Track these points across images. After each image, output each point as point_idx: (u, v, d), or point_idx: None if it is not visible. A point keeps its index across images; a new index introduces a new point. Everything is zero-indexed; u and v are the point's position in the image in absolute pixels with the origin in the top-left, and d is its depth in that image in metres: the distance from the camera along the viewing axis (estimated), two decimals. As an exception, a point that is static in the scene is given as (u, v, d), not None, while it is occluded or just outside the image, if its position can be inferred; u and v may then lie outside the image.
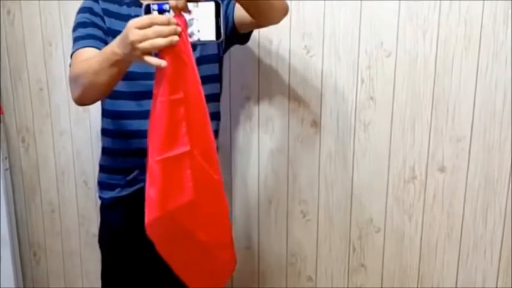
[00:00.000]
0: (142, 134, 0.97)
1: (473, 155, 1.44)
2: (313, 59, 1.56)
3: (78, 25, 1.19)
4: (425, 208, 1.52)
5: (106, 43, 1.17)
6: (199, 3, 0.91)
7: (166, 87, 0.90)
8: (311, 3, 1.53)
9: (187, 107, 0.93)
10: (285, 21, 1.44)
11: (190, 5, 0.90)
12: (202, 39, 0.92)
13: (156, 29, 0.87)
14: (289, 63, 1.59)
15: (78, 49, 1.14)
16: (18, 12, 1.99)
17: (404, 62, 1.46)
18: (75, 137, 2.01)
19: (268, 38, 1.59)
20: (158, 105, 0.92)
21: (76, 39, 1.16)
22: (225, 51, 1.37)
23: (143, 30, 0.87)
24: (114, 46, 0.95)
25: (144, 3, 0.91)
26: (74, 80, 1.07)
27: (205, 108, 0.97)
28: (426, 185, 1.50)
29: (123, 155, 1.29)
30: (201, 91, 0.96)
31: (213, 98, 1.33)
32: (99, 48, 1.14)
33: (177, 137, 0.94)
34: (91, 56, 1.05)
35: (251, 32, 1.35)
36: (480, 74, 1.39)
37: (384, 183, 1.55)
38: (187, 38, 0.91)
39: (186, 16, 0.90)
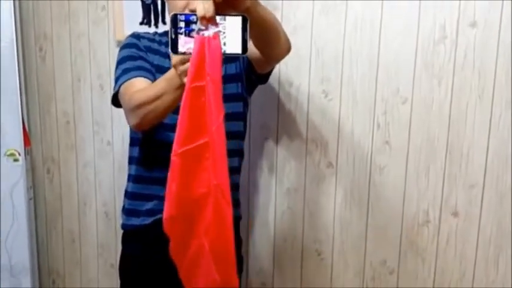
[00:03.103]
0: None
1: (486, 201, 1.47)
2: (331, 103, 1.61)
3: (125, 58, 1.23)
4: (439, 252, 1.54)
5: (154, 76, 1.23)
6: (227, 17, 0.91)
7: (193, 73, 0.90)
8: (330, 49, 1.58)
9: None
10: (305, 65, 1.58)
11: (217, 18, 0.90)
12: (228, 51, 0.92)
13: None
14: (308, 106, 1.64)
15: (129, 79, 1.17)
16: (50, 49, 2.09)
17: (419, 109, 1.50)
18: (98, 169, 2.07)
19: (288, 81, 1.64)
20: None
21: (125, 71, 1.20)
22: (248, 91, 1.40)
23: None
24: (172, 72, 1.00)
25: (172, 13, 0.93)
26: (135, 107, 1.10)
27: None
28: (439, 229, 1.52)
29: (149, 183, 1.31)
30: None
31: (236, 135, 1.35)
32: (149, 79, 1.19)
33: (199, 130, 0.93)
34: (151, 84, 1.10)
35: (269, 72, 1.39)
36: (493, 122, 1.43)
37: (398, 226, 1.57)
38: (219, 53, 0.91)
39: (213, 28, 0.90)
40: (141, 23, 1.89)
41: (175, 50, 0.92)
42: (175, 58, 0.93)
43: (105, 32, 1.96)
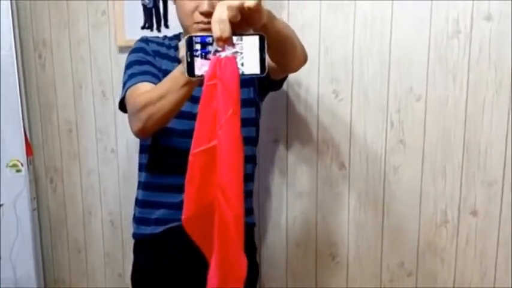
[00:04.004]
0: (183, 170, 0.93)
1: (505, 199, 1.43)
2: (342, 103, 1.57)
3: (133, 63, 1.22)
4: (458, 252, 1.50)
5: (160, 80, 1.18)
6: (244, 37, 0.88)
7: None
8: (339, 47, 1.54)
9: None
10: (314, 65, 1.53)
11: (234, 38, 0.87)
12: (246, 72, 0.89)
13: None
14: (318, 107, 1.60)
15: (135, 84, 1.16)
16: (50, 56, 2.04)
17: (434, 106, 1.46)
18: (102, 177, 2.02)
19: (297, 82, 1.60)
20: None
21: (132, 76, 1.19)
22: (261, 96, 1.37)
23: None
24: (178, 70, 0.98)
25: (187, 36, 0.89)
26: (138, 110, 1.08)
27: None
28: (458, 229, 1.48)
29: (158, 190, 1.29)
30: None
31: (249, 141, 1.32)
32: (155, 84, 1.16)
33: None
34: (155, 86, 1.08)
35: (284, 79, 1.35)
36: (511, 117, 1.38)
37: (415, 227, 1.53)
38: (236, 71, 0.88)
39: (230, 49, 0.87)
40: (143, 28, 1.84)
41: (192, 74, 0.89)
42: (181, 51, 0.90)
43: (106, 37, 1.91)
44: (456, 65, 1.42)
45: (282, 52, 1.08)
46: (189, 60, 0.89)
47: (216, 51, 0.86)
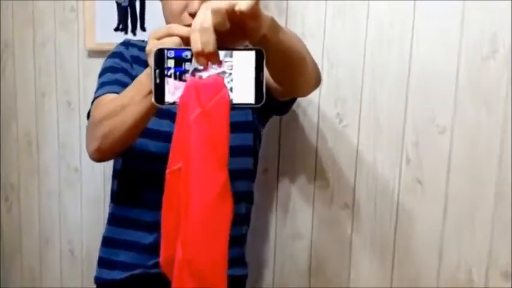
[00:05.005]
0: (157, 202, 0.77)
1: (546, 259, 1.17)
2: (347, 130, 1.34)
3: (106, 70, 1.11)
4: (484, 321, 1.23)
5: None
6: (235, 52, 0.67)
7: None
8: (347, 62, 1.32)
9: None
10: None
11: (221, 54, 0.66)
12: (236, 101, 0.68)
13: (176, 40, 0.71)
14: (318, 132, 1.38)
15: (101, 95, 1.02)
16: (11, 58, 1.90)
17: (462, 141, 1.21)
18: (63, 200, 1.87)
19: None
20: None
21: (102, 85, 1.06)
22: (261, 120, 1.21)
23: (161, 41, 0.71)
24: (146, 73, 0.82)
25: (156, 48, 0.69)
26: (95, 125, 0.93)
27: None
28: (486, 293, 1.22)
29: (126, 225, 1.15)
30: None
31: (244, 174, 1.16)
32: None
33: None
34: (116, 96, 0.94)
35: (292, 101, 1.15)
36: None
37: (431, 285, 1.28)
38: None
39: (215, 69, 0.67)
40: (116, 29, 1.67)
41: (160, 100, 0.69)
42: (150, 44, 0.72)
43: (74, 38, 1.76)
44: (491, 92, 1.17)
45: (288, 72, 0.87)
46: (157, 81, 0.69)
47: (196, 70, 0.68)
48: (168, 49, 0.69)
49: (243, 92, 0.68)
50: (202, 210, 0.68)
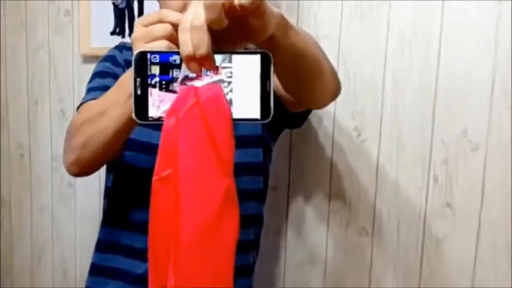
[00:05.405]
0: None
1: None
2: (366, 145, 1.21)
3: (96, 74, 1.05)
4: None
5: None
6: (234, 56, 0.55)
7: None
8: (366, 69, 1.19)
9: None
10: None
11: (217, 58, 0.54)
12: (237, 116, 0.56)
13: (168, 28, 0.61)
14: (333, 147, 1.26)
15: (87, 101, 0.95)
16: (3, 64, 1.82)
17: (497, 159, 1.08)
18: (56, 216, 1.78)
19: (305, 113, 1.25)
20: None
21: (88, 91, 1.00)
22: (272, 133, 1.09)
23: (150, 28, 0.62)
24: (131, 70, 0.72)
25: (137, 50, 0.58)
26: (73, 133, 0.84)
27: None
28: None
29: (114, 251, 1.05)
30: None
31: (253, 195, 1.05)
32: None
33: None
34: (97, 100, 0.87)
35: (306, 113, 1.04)
36: None
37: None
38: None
39: (210, 77, 0.55)
40: (113, 33, 1.58)
41: (142, 115, 0.58)
42: (137, 31, 0.63)
43: (69, 42, 1.67)
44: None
45: (302, 81, 0.75)
46: (138, 92, 0.57)
47: (186, 78, 0.57)
48: (152, 53, 0.56)
49: (246, 104, 0.56)
50: (198, 228, 0.54)
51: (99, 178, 1.57)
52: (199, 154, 0.54)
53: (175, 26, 0.60)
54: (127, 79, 0.73)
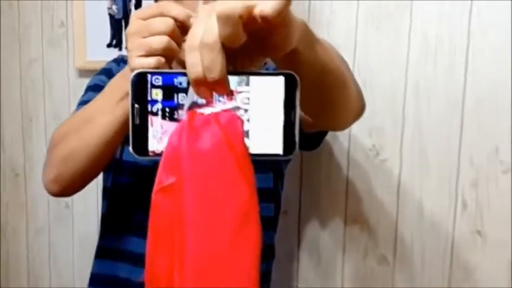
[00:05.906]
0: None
1: None
2: (386, 165, 1.13)
3: (89, 88, 1.02)
4: None
5: None
6: (252, 78, 0.46)
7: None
8: (385, 81, 1.11)
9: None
10: None
11: (233, 81, 0.44)
12: (255, 151, 0.47)
13: (169, 22, 0.57)
14: (348, 167, 1.17)
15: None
16: None
17: None
18: (53, 239, 1.72)
19: (318, 129, 1.16)
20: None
21: (80, 104, 0.96)
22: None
23: (148, 21, 0.58)
24: (121, 74, 0.70)
25: (135, 71, 0.49)
26: (52, 148, 0.78)
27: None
28: None
29: (113, 258, 1.00)
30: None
31: (262, 224, 0.95)
32: None
33: None
34: (83, 108, 0.82)
35: (322, 134, 0.95)
36: None
37: None
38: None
39: (223, 103, 0.46)
40: (109, 45, 1.50)
41: (141, 150, 0.49)
42: (132, 25, 0.59)
43: (64, 56, 1.60)
44: None
45: (324, 101, 0.65)
46: (137, 122, 0.48)
47: (195, 105, 0.47)
48: (153, 73, 0.47)
49: (265, 137, 0.47)
50: (211, 251, 0.45)
51: (96, 197, 1.50)
52: (214, 156, 0.44)
53: (177, 22, 0.56)
54: (119, 80, 0.68)
